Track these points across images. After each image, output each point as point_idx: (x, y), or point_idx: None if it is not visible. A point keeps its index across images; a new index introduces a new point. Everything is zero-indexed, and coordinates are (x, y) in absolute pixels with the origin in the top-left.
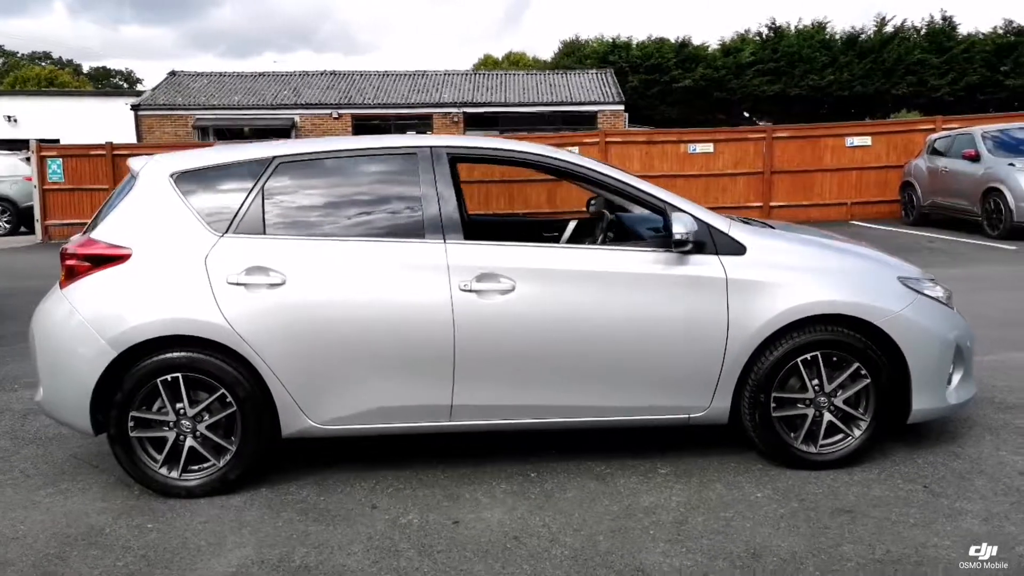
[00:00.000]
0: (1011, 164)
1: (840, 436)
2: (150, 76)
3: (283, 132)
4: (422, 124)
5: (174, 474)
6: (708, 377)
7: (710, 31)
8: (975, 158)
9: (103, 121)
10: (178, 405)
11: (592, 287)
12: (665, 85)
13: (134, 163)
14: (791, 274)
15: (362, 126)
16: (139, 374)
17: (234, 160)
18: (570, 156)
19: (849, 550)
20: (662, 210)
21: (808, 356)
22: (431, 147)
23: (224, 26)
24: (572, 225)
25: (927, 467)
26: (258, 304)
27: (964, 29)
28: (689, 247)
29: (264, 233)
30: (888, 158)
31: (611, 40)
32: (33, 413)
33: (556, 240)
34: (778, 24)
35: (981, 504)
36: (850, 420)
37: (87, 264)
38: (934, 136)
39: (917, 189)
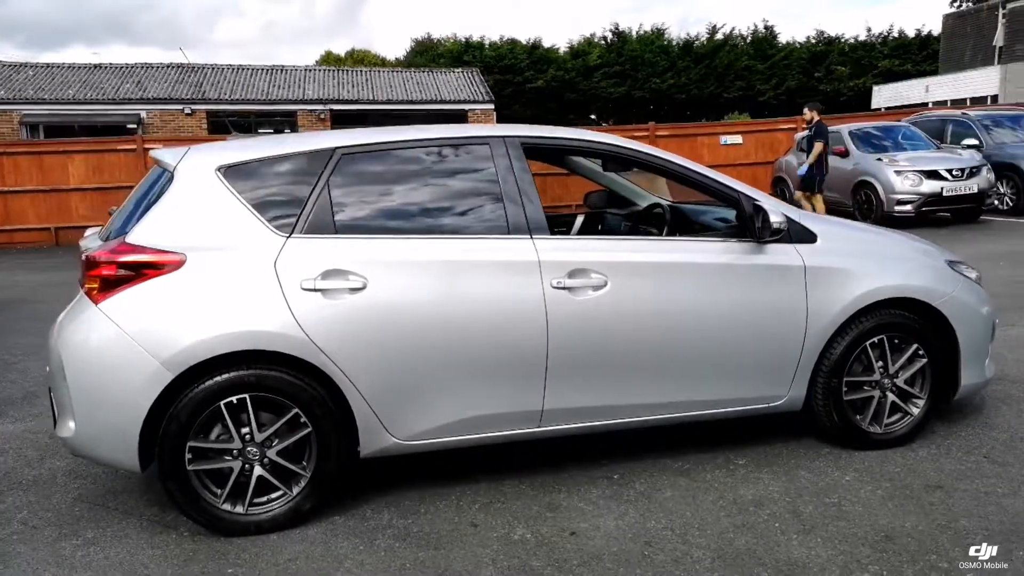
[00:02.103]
0: (879, 159)
1: (899, 415)
2: None
3: (126, 129)
4: (286, 121)
5: (239, 509)
6: (788, 365)
7: (558, 34)
8: (844, 154)
9: None
10: (243, 430)
11: (682, 279)
12: (518, 86)
13: (164, 156)
14: (859, 260)
15: (220, 123)
16: (198, 397)
17: (289, 152)
18: (647, 148)
19: (968, 524)
20: (736, 200)
21: (875, 340)
22: (504, 136)
23: (22, 14)
24: (580, 219)
25: (973, 439)
26: (337, 311)
27: (783, 38)
28: (781, 235)
29: (336, 232)
30: (757, 155)
31: (464, 40)
32: None
33: (565, 233)
34: (621, 29)
35: None
36: (908, 399)
37: (130, 273)
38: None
39: (789, 184)
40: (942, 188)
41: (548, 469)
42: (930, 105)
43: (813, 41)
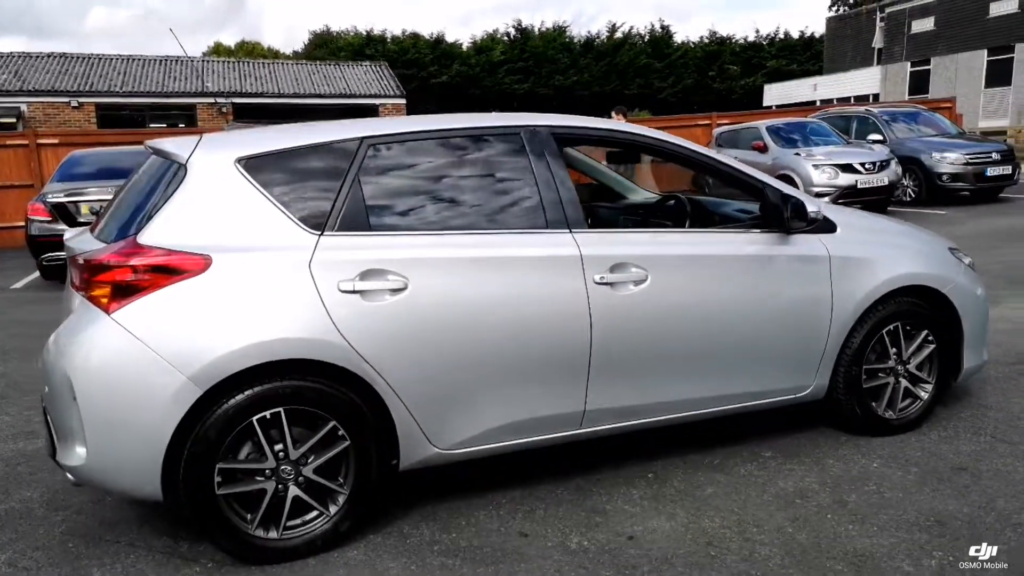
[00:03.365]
0: (797, 154)
1: (910, 400)
2: None
3: (3, 124)
4: (184, 115)
5: (273, 534)
6: (815, 355)
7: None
8: (763, 149)
9: None
10: (276, 447)
11: (718, 271)
12: (423, 81)
13: (170, 147)
14: (876, 250)
15: (111, 116)
16: (229, 414)
17: (313, 143)
18: (676, 139)
19: (1006, 505)
20: (761, 190)
21: (891, 327)
22: (535, 126)
23: None
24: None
25: (975, 420)
26: (378, 314)
27: (679, 38)
28: (813, 226)
29: (370, 229)
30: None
31: (366, 33)
32: None
33: None
34: (524, 26)
35: None
36: (918, 384)
37: (148, 277)
38: (719, 130)
39: (708, 179)
40: (856, 181)
41: (578, 471)
42: (817, 103)
43: (706, 41)
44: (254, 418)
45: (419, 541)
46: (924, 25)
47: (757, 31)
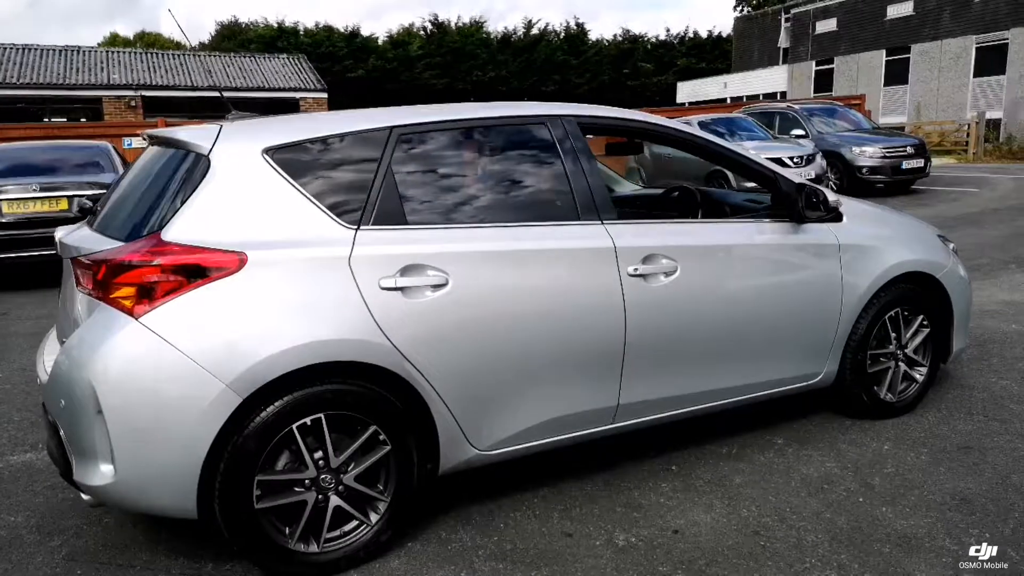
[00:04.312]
0: None
1: (907, 384)
2: None
3: None
4: (89, 108)
5: (313, 547)
6: (826, 342)
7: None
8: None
9: None
10: (316, 455)
11: (741, 261)
12: (338, 75)
13: (187, 136)
14: (880, 237)
15: (6, 110)
16: (269, 421)
17: (342, 132)
18: (699, 131)
19: (1020, 480)
20: (773, 180)
21: (892, 313)
22: (561, 115)
23: None
24: None
25: (964, 401)
26: (419, 312)
27: (593, 35)
28: (829, 215)
29: (406, 223)
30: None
31: (277, 25)
32: None
33: None
34: (440, 20)
35: None
36: (914, 367)
37: (178, 277)
38: None
39: (643, 173)
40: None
41: (599, 467)
42: (728, 100)
43: (620, 39)
44: (294, 425)
45: (461, 547)
46: (827, 26)
47: (668, 30)
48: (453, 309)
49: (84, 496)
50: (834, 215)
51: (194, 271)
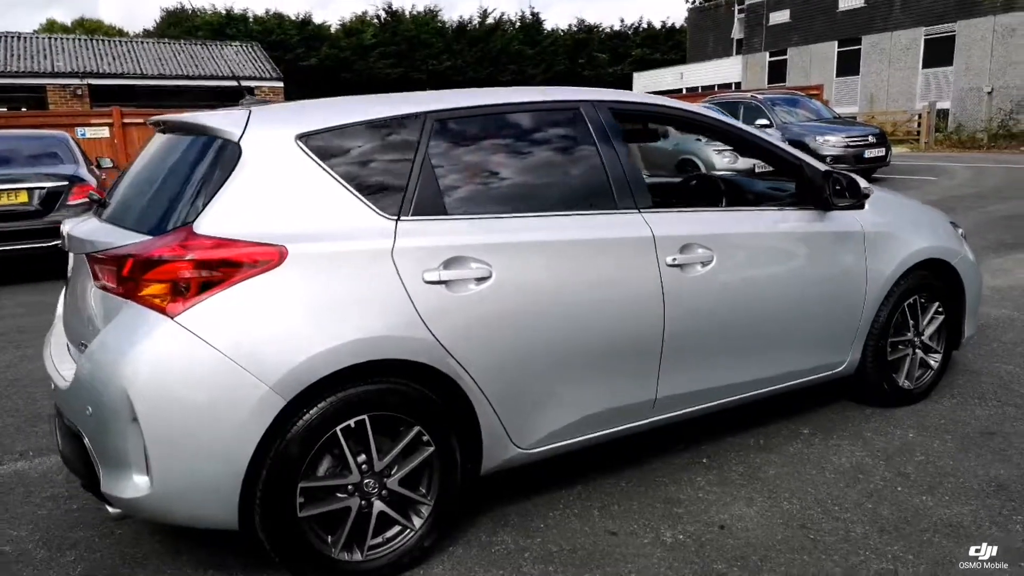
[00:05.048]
0: (698, 139)
1: (923, 370)
2: None
3: None
4: (32, 98)
5: (357, 556)
6: (851, 330)
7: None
8: (664, 134)
9: None
10: (359, 459)
11: (773, 250)
12: (290, 63)
13: (212, 122)
14: (901, 225)
15: None
16: (313, 424)
17: (376, 118)
18: (728, 118)
19: None
20: (799, 167)
21: (910, 300)
22: (594, 101)
23: None
24: None
25: (974, 386)
26: (463, 306)
27: (548, 25)
28: (861, 202)
29: (446, 213)
30: None
31: (225, 12)
32: None
33: None
34: (395, 8)
35: None
36: (929, 354)
37: (215, 272)
38: None
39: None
40: (755, 164)
41: (627, 462)
42: (684, 91)
43: (575, 29)
44: (338, 428)
45: (504, 549)
46: (780, 17)
47: (622, 20)
48: (497, 302)
49: (110, 509)
50: (861, 202)
51: (233, 266)
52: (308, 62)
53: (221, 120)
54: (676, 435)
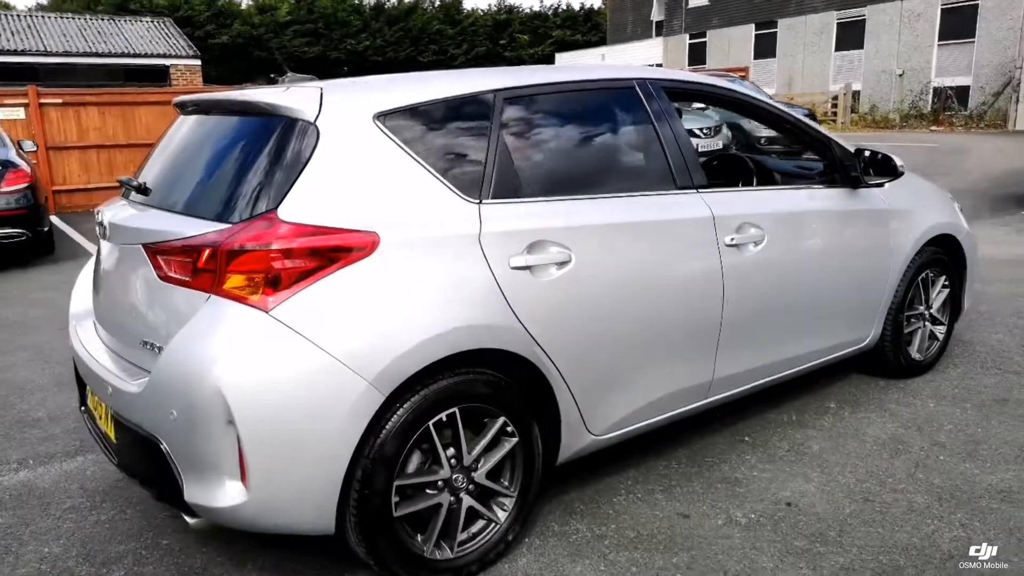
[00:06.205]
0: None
1: (931, 342)
2: None
3: None
4: None
5: (448, 553)
6: (876, 306)
7: None
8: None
9: None
10: (449, 452)
11: (816, 228)
12: (200, 41)
13: (281, 100)
14: (916, 201)
15: None
16: (408, 419)
17: (449, 95)
18: (771, 100)
19: None
20: (828, 146)
21: (924, 275)
22: (647, 79)
23: None
24: None
25: (973, 356)
26: (546, 292)
27: (468, 4)
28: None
29: (523, 195)
30: None
31: None
32: None
33: None
34: None
35: None
36: (936, 325)
37: (306, 262)
38: None
39: None
40: (697, 145)
41: (671, 443)
42: None
43: (495, 10)
44: (431, 422)
45: (582, 538)
46: (700, 0)
47: (541, 2)
48: (576, 287)
49: (189, 520)
50: (895, 179)
51: (329, 254)
52: (219, 39)
53: (290, 99)
54: (706, 415)
